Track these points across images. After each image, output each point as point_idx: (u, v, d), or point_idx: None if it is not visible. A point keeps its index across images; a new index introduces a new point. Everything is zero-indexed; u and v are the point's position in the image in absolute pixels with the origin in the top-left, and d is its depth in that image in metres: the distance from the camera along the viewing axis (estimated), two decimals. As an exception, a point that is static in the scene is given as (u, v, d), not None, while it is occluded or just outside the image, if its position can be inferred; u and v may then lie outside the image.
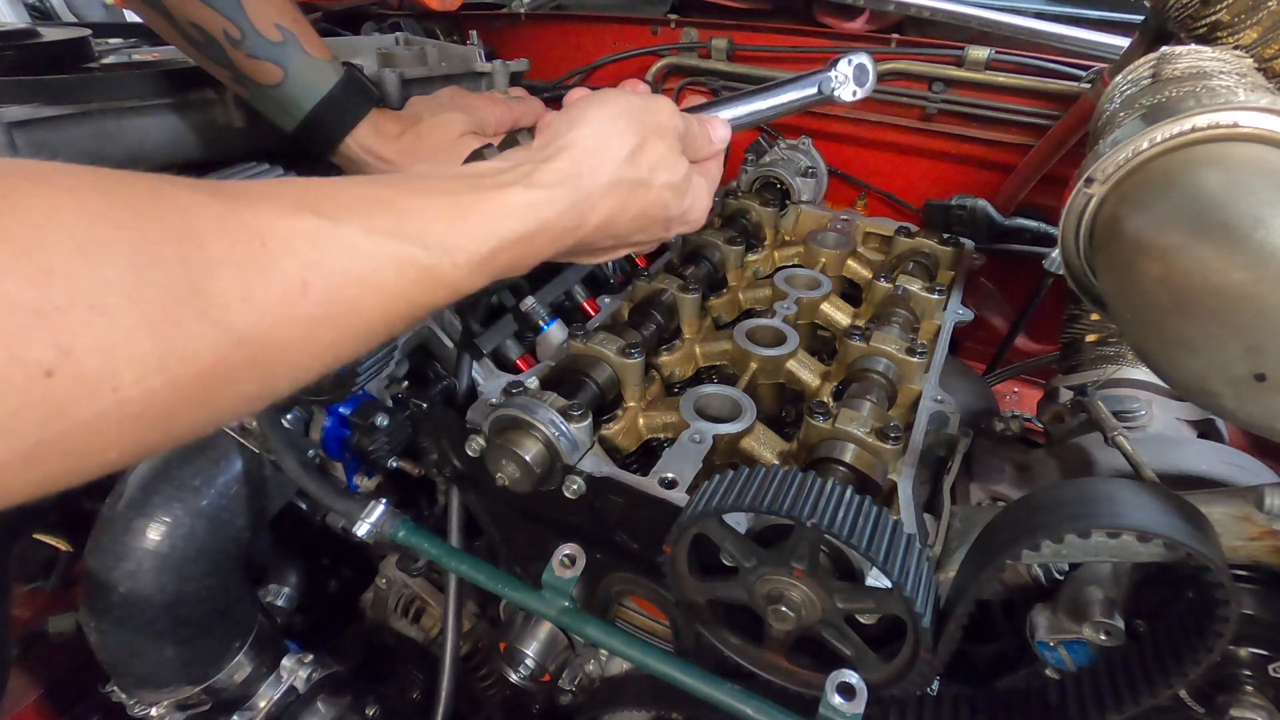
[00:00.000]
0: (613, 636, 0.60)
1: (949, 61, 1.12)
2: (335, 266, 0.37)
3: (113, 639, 0.76)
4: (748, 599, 0.56)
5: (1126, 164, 0.55)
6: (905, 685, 0.54)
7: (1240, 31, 0.66)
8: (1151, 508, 0.46)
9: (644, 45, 1.36)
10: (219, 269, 0.32)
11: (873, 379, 0.74)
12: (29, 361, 0.25)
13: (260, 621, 0.86)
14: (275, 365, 0.35)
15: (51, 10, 2.60)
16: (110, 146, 0.84)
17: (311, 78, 0.86)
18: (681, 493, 0.61)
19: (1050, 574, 0.61)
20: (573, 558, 0.61)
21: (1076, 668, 0.58)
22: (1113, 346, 0.80)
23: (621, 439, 0.71)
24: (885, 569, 0.47)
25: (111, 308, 0.27)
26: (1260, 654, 0.52)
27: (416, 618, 1.06)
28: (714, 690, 0.55)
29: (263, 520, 0.83)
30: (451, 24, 1.53)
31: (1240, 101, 0.52)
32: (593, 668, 0.87)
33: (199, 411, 0.32)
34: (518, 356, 0.83)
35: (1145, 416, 0.72)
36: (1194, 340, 0.46)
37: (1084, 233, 0.61)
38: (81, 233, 0.27)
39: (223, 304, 0.31)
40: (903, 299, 0.85)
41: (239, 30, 0.79)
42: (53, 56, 0.92)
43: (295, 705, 0.86)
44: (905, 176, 1.28)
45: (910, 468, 0.65)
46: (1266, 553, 0.49)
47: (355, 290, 0.38)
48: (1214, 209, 0.46)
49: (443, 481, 0.84)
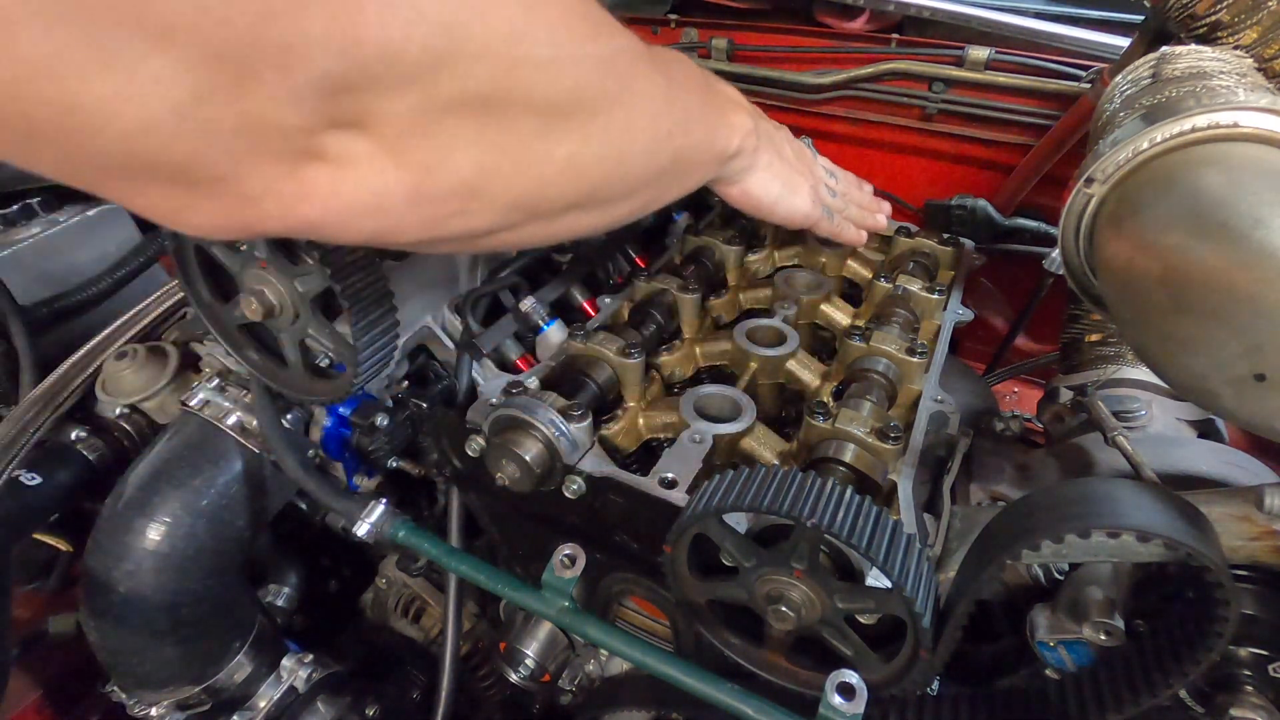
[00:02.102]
0: (613, 636, 0.60)
1: (949, 61, 1.12)
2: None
3: (113, 639, 0.76)
4: (748, 599, 0.56)
5: (1126, 164, 0.55)
6: (905, 685, 0.54)
7: (1240, 31, 0.66)
8: (1151, 508, 0.46)
9: (644, 45, 1.35)
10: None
11: (873, 379, 0.74)
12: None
13: (260, 621, 0.86)
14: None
15: (51, 10, 2.59)
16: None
17: None
18: (681, 493, 0.61)
19: (1050, 574, 0.61)
20: (573, 558, 0.61)
21: (1076, 668, 0.58)
22: (1113, 346, 0.80)
23: (621, 439, 0.71)
24: (885, 569, 0.47)
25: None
26: (1260, 654, 0.52)
27: (416, 618, 1.06)
28: (714, 690, 0.55)
29: (263, 520, 0.83)
30: (451, 24, 1.53)
31: (1240, 101, 0.52)
32: (593, 668, 0.87)
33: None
34: (518, 356, 0.83)
35: (1145, 416, 0.72)
36: (1194, 340, 0.46)
37: (1084, 233, 0.61)
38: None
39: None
40: (903, 299, 0.85)
41: None
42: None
43: (295, 705, 0.86)
44: (905, 176, 1.28)
45: (910, 468, 0.65)
46: (1266, 553, 0.49)
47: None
48: (1214, 209, 0.46)
49: (443, 481, 0.84)
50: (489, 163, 0.36)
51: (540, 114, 0.37)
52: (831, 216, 0.78)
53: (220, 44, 0.25)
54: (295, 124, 0.29)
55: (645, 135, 0.46)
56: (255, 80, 0.27)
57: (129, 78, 0.24)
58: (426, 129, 0.33)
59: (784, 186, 0.70)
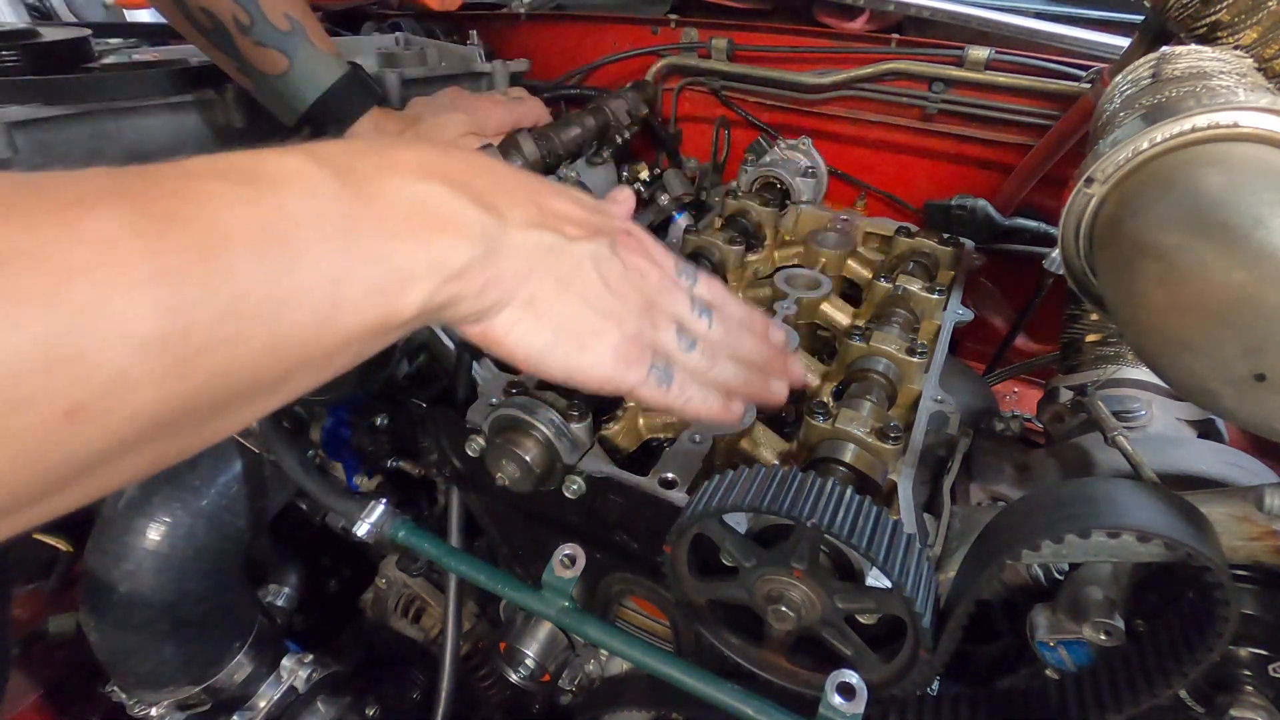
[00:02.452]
0: (613, 636, 0.60)
1: (949, 61, 1.12)
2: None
3: (113, 639, 0.76)
4: (748, 599, 0.56)
5: (1126, 164, 0.55)
6: (905, 685, 0.54)
7: (1240, 31, 0.66)
8: (1151, 508, 0.46)
9: (644, 45, 1.35)
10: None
11: (873, 379, 0.74)
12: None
13: (260, 621, 0.86)
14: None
15: (51, 10, 2.60)
16: (110, 146, 0.84)
17: (316, 69, 0.86)
18: (681, 493, 0.61)
19: (1050, 574, 0.61)
20: (573, 558, 0.61)
21: (1076, 668, 0.58)
22: (1113, 346, 0.80)
23: (621, 439, 0.71)
24: (885, 569, 0.47)
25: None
26: (1260, 654, 0.52)
27: (416, 618, 1.06)
28: (714, 690, 0.55)
29: (263, 520, 0.83)
30: (451, 24, 1.53)
31: (1240, 101, 0.52)
32: (593, 668, 0.87)
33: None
34: (518, 356, 0.83)
35: (1145, 416, 0.72)
36: (1194, 340, 0.46)
37: (1084, 233, 0.61)
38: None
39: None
40: (903, 299, 0.85)
41: (249, 16, 0.80)
42: (53, 56, 0.92)
43: (295, 705, 0.86)
44: (905, 176, 1.28)
45: (910, 468, 0.65)
46: (1266, 553, 0.49)
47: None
48: (1214, 209, 0.46)
49: (443, 481, 0.84)
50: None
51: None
52: (668, 382, 0.49)
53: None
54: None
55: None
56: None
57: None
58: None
59: (560, 337, 0.45)
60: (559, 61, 1.43)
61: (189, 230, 0.27)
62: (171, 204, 0.28)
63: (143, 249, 0.26)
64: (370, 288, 0.34)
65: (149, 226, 0.26)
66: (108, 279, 0.24)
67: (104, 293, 0.24)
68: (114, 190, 0.27)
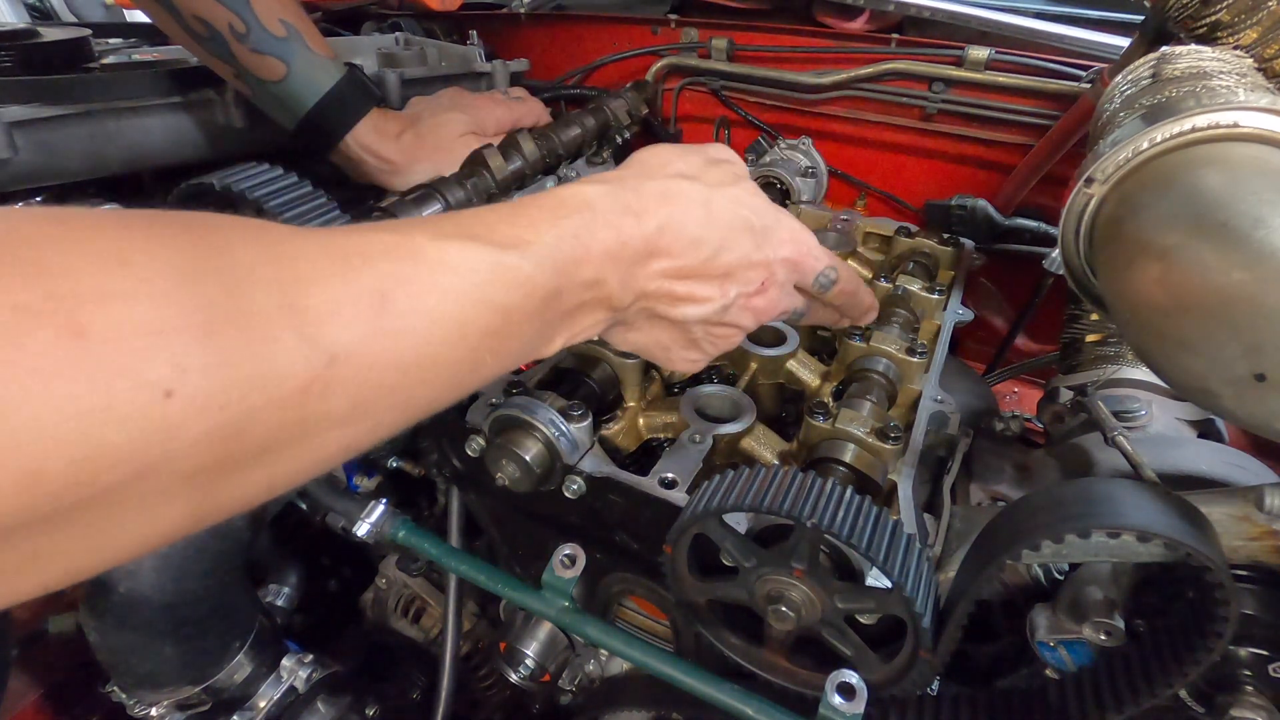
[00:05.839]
0: (613, 636, 0.60)
1: (949, 61, 1.12)
2: (407, 272, 0.36)
3: (113, 639, 0.76)
4: (748, 599, 0.56)
5: (1126, 164, 0.55)
6: (905, 685, 0.54)
7: (1240, 31, 0.66)
8: (1151, 508, 0.46)
9: (644, 45, 1.36)
10: (310, 286, 0.32)
11: (873, 379, 0.74)
12: (152, 382, 0.25)
13: (260, 621, 0.86)
14: (365, 386, 0.34)
15: (51, 10, 2.60)
16: (110, 146, 0.84)
17: (314, 74, 0.86)
18: (681, 493, 0.61)
19: (1050, 574, 0.61)
20: (573, 558, 0.61)
21: (1076, 668, 0.58)
22: (1113, 346, 0.80)
23: (621, 439, 0.71)
24: (885, 569, 0.47)
25: (217, 327, 0.28)
26: (1260, 654, 0.52)
27: (416, 618, 1.06)
28: (714, 690, 0.55)
29: (263, 520, 0.83)
30: (451, 24, 1.53)
31: (1240, 101, 0.52)
32: (593, 668, 0.87)
33: (292, 434, 0.32)
34: (518, 356, 0.83)
35: (1145, 416, 0.72)
36: (1194, 340, 0.46)
37: (1084, 233, 0.61)
38: (183, 262, 0.28)
39: (316, 320, 0.31)
40: (903, 299, 0.85)
41: (244, 24, 0.79)
42: (53, 56, 0.92)
43: (295, 705, 0.86)
44: (905, 176, 1.28)
45: (910, 468, 0.65)
46: (1266, 553, 0.49)
47: (431, 297, 0.36)
48: (1214, 209, 0.46)
49: (443, 481, 0.84)
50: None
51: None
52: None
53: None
54: None
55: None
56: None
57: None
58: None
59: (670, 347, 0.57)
60: (559, 61, 1.44)
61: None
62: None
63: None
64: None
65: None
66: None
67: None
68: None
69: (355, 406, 0.34)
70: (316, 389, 0.31)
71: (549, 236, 0.43)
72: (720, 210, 0.51)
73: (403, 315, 0.35)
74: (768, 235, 0.53)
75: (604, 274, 0.46)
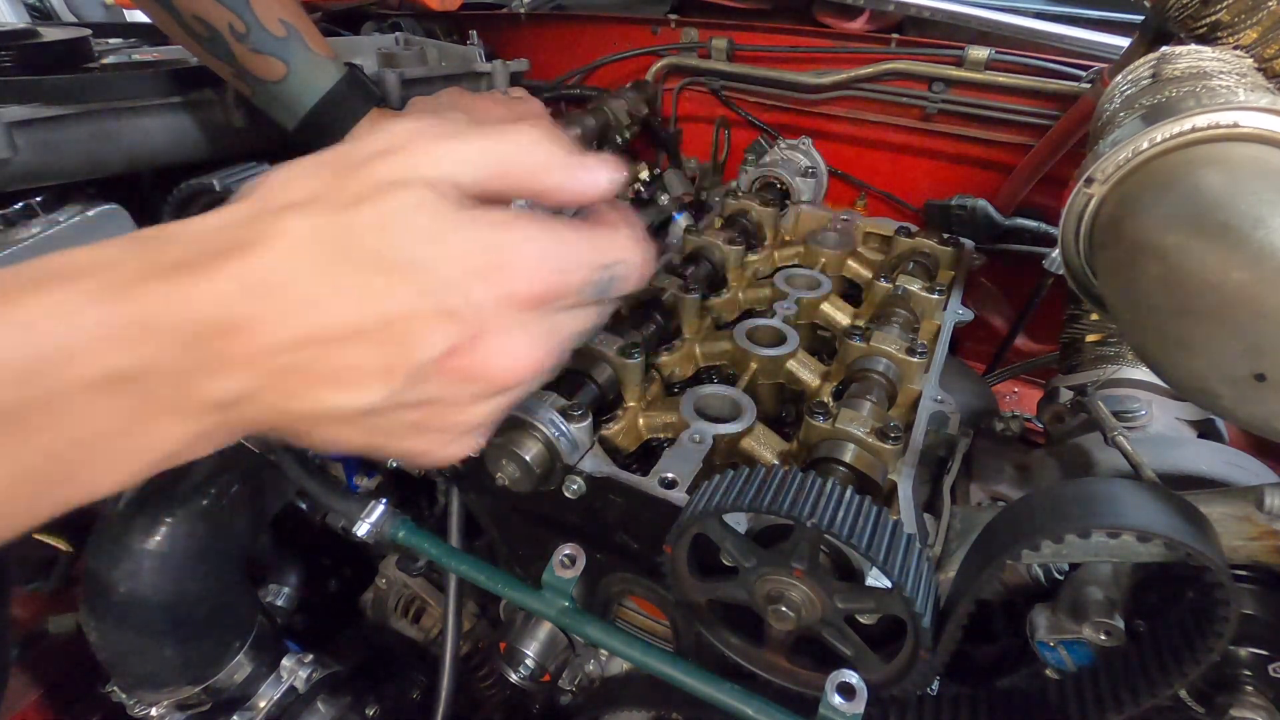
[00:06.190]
0: (613, 636, 0.60)
1: (949, 61, 1.12)
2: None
3: (113, 639, 0.76)
4: (748, 599, 0.56)
5: (1126, 164, 0.55)
6: (905, 685, 0.54)
7: (1240, 31, 0.66)
8: (1151, 508, 0.46)
9: (644, 45, 1.36)
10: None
11: (873, 379, 0.74)
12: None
13: (260, 621, 0.86)
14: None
15: (51, 10, 2.60)
16: (110, 146, 0.84)
17: (314, 74, 0.86)
18: (681, 493, 0.61)
19: (1050, 574, 0.61)
20: (573, 558, 0.61)
21: (1076, 668, 0.58)
22: (1113, 346, 0.80)
23: (621, 439, 0.71)
24: (885, 569, 0.47)
25: None
26: (1260, 654, 0.52)
27: (416, 618, 1.06)
28: (714, 690, 0.55)
29: (263, 520, 0.83)
30: (451, 24, 1.53)
31: (1240, 101, 0.52)
32: (593, 668, 0.87)
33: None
34: (518, 356, 0.83)
35: (1145, 416, 0.72)
36: (1194, 340, 0.46)
37: (1084, 233, 0.61)
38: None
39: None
40: (903, 299, 0.85)
41: (244, 24, 0.79)
42: (53, 56, 0.91)
43: (295, 705, 0.86)
44: (905, 176, 1.28)
45: (910, 468, 0.65)
46: (1266, 553, 0.49)
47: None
48: (1214, 209, 0.46)
49: (443, 481, 0.84)
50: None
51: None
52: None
53: None
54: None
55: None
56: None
57: None
58: None
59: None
60: (559, 61, 1.44)
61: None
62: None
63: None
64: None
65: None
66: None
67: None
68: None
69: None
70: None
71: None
72: (359, 243, 0.32)
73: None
74: (458, 265, 0.33)
75: (144, 364, 0.30)
